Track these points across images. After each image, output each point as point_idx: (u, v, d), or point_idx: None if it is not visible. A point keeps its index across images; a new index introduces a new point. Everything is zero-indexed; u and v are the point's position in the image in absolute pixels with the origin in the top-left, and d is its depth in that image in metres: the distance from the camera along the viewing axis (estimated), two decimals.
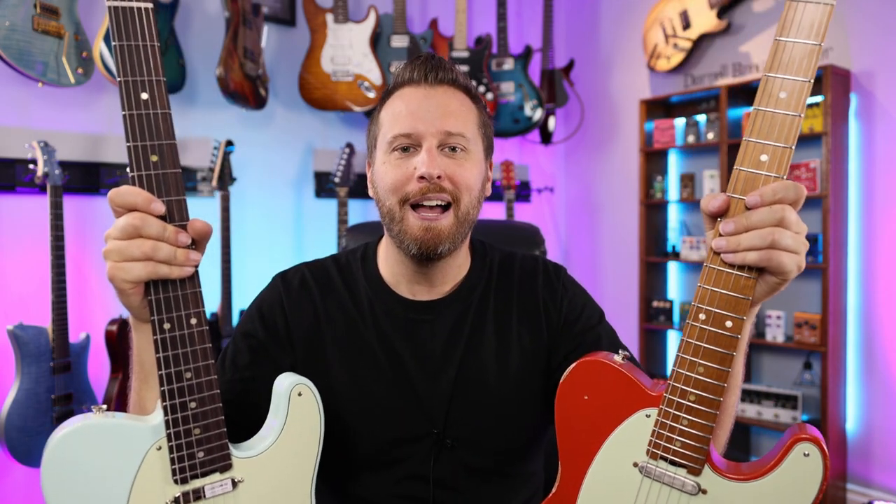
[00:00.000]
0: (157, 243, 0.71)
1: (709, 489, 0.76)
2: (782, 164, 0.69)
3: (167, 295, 0.73)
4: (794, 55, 0.68)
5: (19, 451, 2.03)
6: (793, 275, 0.71)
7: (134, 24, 0.70)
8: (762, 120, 0.70)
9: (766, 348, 3.14)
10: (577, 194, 4.08)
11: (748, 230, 0.70)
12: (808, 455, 0.72)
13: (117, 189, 0.71)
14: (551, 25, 3.63)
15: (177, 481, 0.75)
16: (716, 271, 0.73)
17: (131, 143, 0.70)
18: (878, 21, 2.79)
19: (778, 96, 0.69)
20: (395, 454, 1.00)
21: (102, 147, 2.45)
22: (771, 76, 0.69)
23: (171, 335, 0.73)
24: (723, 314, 0.72)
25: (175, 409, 0.74)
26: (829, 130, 2.73)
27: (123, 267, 0.71)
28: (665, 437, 0.77)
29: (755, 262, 0.70)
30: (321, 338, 1.02)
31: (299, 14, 3.00)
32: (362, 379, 0.99)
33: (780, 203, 0.70)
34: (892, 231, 2.76)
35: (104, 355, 2.29)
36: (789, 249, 0.70)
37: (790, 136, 0.69)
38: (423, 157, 0.93)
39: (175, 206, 0.72)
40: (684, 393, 0.75)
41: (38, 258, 2.24)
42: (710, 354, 0.73)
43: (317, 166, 3.06)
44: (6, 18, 1.93)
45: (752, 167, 0.71)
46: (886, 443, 2.78)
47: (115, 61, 0.70)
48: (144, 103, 0.70)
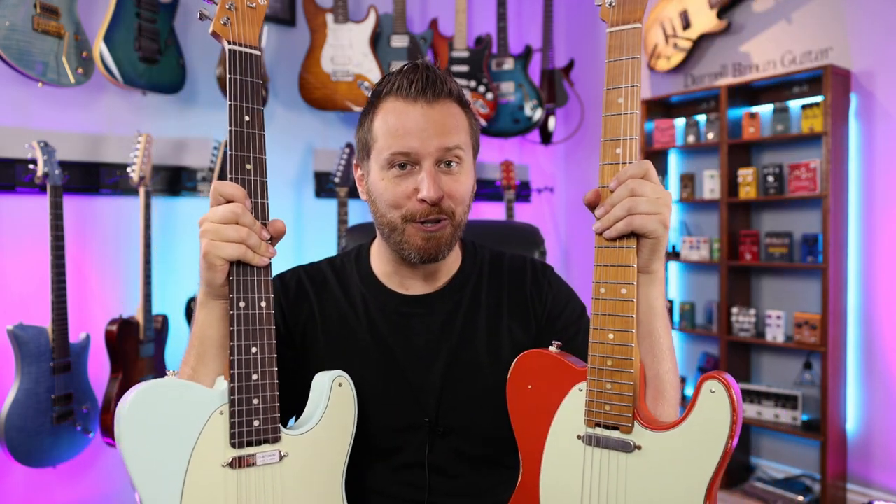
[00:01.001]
0: (250, 231, 0.83)
1: (642, 444, 0.84)
2: (632, 153, 0.84)
3: (247, 278, 0.85)
4: (621, 70, 0.84)
5: (19, 451, 2.03)
6: (659, 232, 0.82)
7: (246, 65, 0.88)
8: (610, 123, 0.85)
9: (766, 348, 3.14)
10: (577, 194, 4.07)
11: (613, 206, 0.82)
12: (714, 392, 0.79)
13: (222, 181, 0.84)
14: (551, 25, 3.63)
15: (233, 445, 0.84)
16: (602, 250, 0.86)
17: (233, 151, 0.85)
18: (878, 21, 2.79)
19: (617, 101, 0.84)
20: (392, 443, 1.04)
21: (102, 147, 2.45)
22: (610, 89, 0.85)
23: (244, 312, 0.85)
24: (616, 284, 0.85)
25: (241, 377, 0.84)
26: (829, 130, 2.73)
27: (219, 245, 0.81)
28: (596, 403, 0.86)
29: (623, 229, 0.82)
30: (317, 334, 1.07)
31: (299, 14, 3.00)
32: (357, 372, 1.03)
33: (630, 178, 0.82)
34: (892, 231, 2.76)
35: (104, 355, 2.29)
36: (647, 212, 0.81)
37: (633, 130, 0.83)
38: (425, 180, 0.96)
39: (260, 207, 0.87)
40: (602, 360, 0.85)
41: (38, 258, 2.24)
42: (615, 321, 0.85)
43: (317, 166, 3.06)
44: (6, 18, 1.93)
45: (611, 160, 0.85)
46: (886, 443, 2.78)
47: (229, 90, 0.86)
48: (247, 123, 0.86)
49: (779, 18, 3.10)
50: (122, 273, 2.51)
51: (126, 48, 2.24)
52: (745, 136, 3.05)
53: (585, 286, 1.17)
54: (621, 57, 0.84)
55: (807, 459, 2.98)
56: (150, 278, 2.36)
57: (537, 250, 1.47)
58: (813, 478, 2.90)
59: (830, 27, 2.92)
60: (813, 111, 2.84)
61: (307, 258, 1.16)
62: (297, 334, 1.07)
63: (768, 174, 2.99)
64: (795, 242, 2.98)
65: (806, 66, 2.97)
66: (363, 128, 1.04)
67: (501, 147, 3.70)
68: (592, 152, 3.94)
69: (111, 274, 2.50)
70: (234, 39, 0.86)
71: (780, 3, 3.09)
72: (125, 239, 2.50)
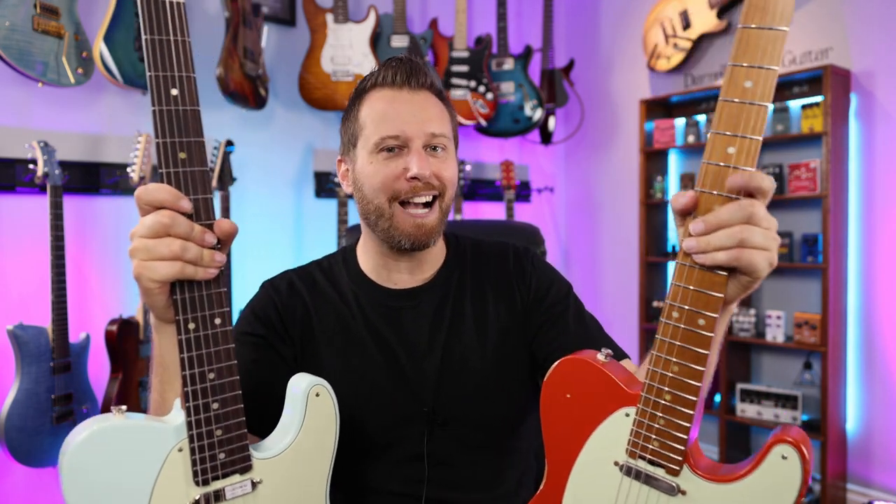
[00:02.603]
0: (186, 243, 0.70)
1: (688, 490, 0.75)
2: (750, 155, 0.66)
3: (192, 295, 0.72)
4: (760, 42, 0.65)
5: (19, 451, 2.03)
6: (764, 273, 0.70)
7: (166, 19, 0.69)
8: (728, 111, 0.67)
9: (766, 348, 3.14)
10: (577, 194, 4.08)
11: (718, 228, 0.68)
12: (787, 458, 0.70)
13: (145, 186, 0.70)
14: (551, 25, 3.63)
15: (198, 483, 0.75)
16: (687, 268, 0.71)
17: (160, 139, 0.69)
18: (878, 21, 2.79)
19: (744, 84, 0.66)
20: (391, 437, 1.04)
21: (102, 147, 2.45)
22: (737, 66, 0.66)
23: (195, 335, 0.73)
24: (695, 312, 0.71)
25: (198, 409, 0.73)
26: (829, 130, 2.73)
27: (151, 266, 0.70)
28: (643, 436, 0.77)
29: (725, 262, 0.68)
30: (312, 332, 1.07)
31: (299, 14, 3.00)
32: (354, 367, 1.04)
33: (747, 190, 0.68)
34: (892, 231, 2.76)
35: (104, 355, 2.29)
36: (759, 247, 0.68)
37: (758, 126, 0.66)
38: (415, 158, 0.99)
39: (202, 204, 0.72)
40: (660, 392, 0.74)
41: (38, 258, 2.24)
42: (684, 353, 0.72)
43: (317, 166, 3.06)
44: (6, 18, 1.93)
45: (720, 160, 0.68)
46: (886, 443, 2.78)
47: (146, 56, 0.68)
48: (174, 99, 0.70)
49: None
50: (122, 273, 2.51)
51: (126, 48, 2.24)
52: None
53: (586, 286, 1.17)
54: (763, 25, 0.64)
55: None
56: None
57: (537, 250, 1.46)
58: (813, 478, 2.90)
59: (830, 27, 2.92)
60: (813, 111, 2.84)
61: (307, 258, 1.17)
62: (294, 333, 1.06)
63: (768, 174, 2.98)
64: (795, 242, 2.98)
65: (806, 66, 2.97)
66: (349, 120, 1.06)
67: (501, 147, 3.70)
68: (592, 152, 3.95)
69: (111, 274, 2.50)
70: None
71: None
72: (125, 239, 2.48)
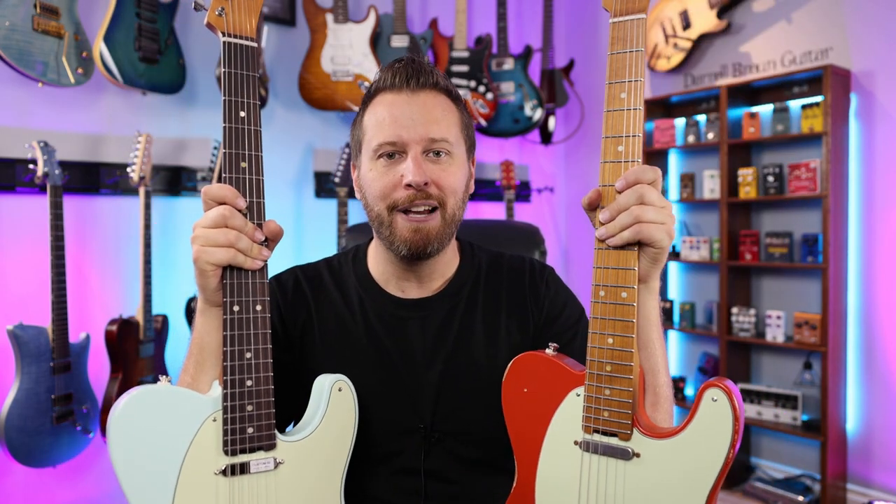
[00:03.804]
0: (240, 234, 0.81)
1: (641, 452, 0.82)
2: (636, 150, 0.80)
3: (240, 281, 0.83)
4: (624, 63, 0.81)
5: (19, 451, 2.03)
6: (664, 242, 0.80)
7: (243, 58, 0.84)
8: (612, 119, 0.81)
9: (766, 348, 3.14)
10: (577, 194, 4.07)
11: (619, 213, 0.80)
12: (717, 400, 0.77)
13: (210, 185, 0.83)
14: (551, 25, 3.63)
15: (227, 452, 0.82)
16: (602, 252, 0.84)
17: (227, 150, 0.82)
18: (878, 21, 2.79)
19: (619, 97, 0.81)
20: (388, 449, 1.03)
21: (102, 147, 2.45)
22: (612, 83, 0.82)
23: (238, 317, 0.83)
24: (617, 287, 0.82)
25: (234, 384, 0.82)
26: (829, 130, 2.73)
27: (209, 251, 0.80)
28: (594, 409, 0.84)
29: (630, 238, 0.80)
30: (313, 336, 1.06)
31: (299, 14, 3.00)
32: (353, 375, 1.02)
33: (639, 183, 0.79)
34: (892, 231, 2.76)
35: (104, 355, 2.29)
36: (654, 221, 0.79)
37: (637, 126, 0.80)
38: (410, 165, 0.96)
39: (255, 207, 0.84)
40: (601, 365, 0.83)
41: (38, 258, 2.24)
42: (615, 325, 0.82)
43: (317, 166, 3.06)
44: (6, 18, 1.93)
45: (613, 158, 0.81)
46: (886, 443, 2.78)
47: (224, 83, 0.83)
48: (242, 119, 0.83)
49: (779, 18, 3.10)
50: (122, 273, 2.51)
51: (126, 48, 2.24)
52: (745, 136, 3.05)
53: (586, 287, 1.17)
54: (624, 49, 0.80)
55: (807, 459, 2.98)
56: (150, 278, 2.36)
57: (537, 250, 1.47)
58: (813, 478, 2.90)
59: (830, 27, 2.92)
60: (813, 111, 2.84)
61: (307, 258, 1.16)
62: (294, 337, 1.05)
63: (768, 174, 2.99)
64: (795, 242, 2.98)
65: (806, 66, 2.97)
66: (356, 126, 1.06)
67: (501, 147, 3.70)
68: (592, 152, 3.94)
69: (111, 274, 2.50)
70: (229, 31, 0.83)
71: (780, 3, 3.09)
72: (125, 239, 2.50)
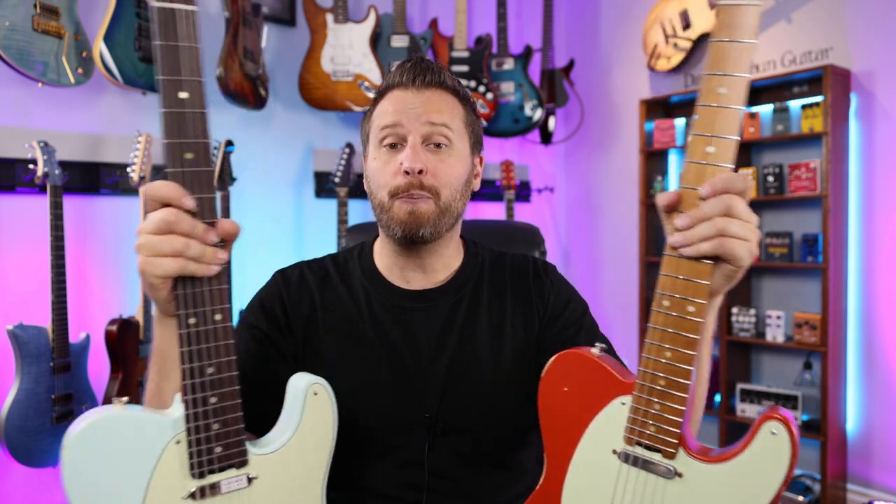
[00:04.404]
0: (188, 240, 0.72)
1: (684, 472, 0.78)
2: (729, 154, 0.73)
3: (194, 290, 0.74)
4: (729, 54, 0.72)
5: (19, 451, 2.03)
6: (745, 261, 0.74)
7: (178, 26, 0.72)
8: (705, 115, 0.74)
9: (766, 348, 3.14)
10: (577, 194, 4.08)
11: (700, 222, 0.74)
12: (776, 434, 0.73)
13: (151, 184, 0.73)
14: (551, 25, 3.63)
15: (194, 475, 0.76)
16: (673, 259, 0.76)
17: (167, 140, 0.72)
18: (878, 21, 2.79)
19: (717, 91, 0.73)
20: (391, 441, 1.02)
21: (102, 147, 2.45)
22: (711, 74, 0.73)
23: (195, 330, 0.75)
24: (685, 299, 0.75)
25: (196, 403, 0.75)
26: (829, 130, 2.73)
27: (154, 262, 0.72)
28: (640, 422, 0.79)
29: (708, 251, 0.73)
30: (318, 327, 1.06)
31: (299, 14, 3.00)
32: (358, 366, 1.02)
33: (727, 192, 0.73)
34: (892, 231, 2.76)
35: (104, 355, 2.29)
36: (738, 237, 0.73)
37: (734, 128, 0.73)
38: (407, 151, 0.98)
39: (206, 203, 0.74)
40: (655, 378, 0.78)
41: (38, 258, 2.24)
42: (676, 339, 0.76)
43: (317, 166, 3.06)
44: (6, 18, 1.93)
45: (701, 159, 0.74)
46: (886, 443, 2.78)
47: (157, 60, 0.71)
48: (182, 102, 0.72)
49: (779, 18, 3.10)
50: (122, 273, 2.51)
51: (126, 48, 2.24)
52: (745, 135, 3.05)
53: (586, 287, 1.17)
54: (732, 38, 0.71)
55: (807, 459, 2.98)
56: None
57: (537, 250, 1.47)
58: (813, 478, 2.89)
59: (830, 27, 2.92)
60: (813, 111, 2.84)
61: (307, 258, 1.16)
62: (297, 328, 1.05)
63: (768, 174, 2.99)
64: (795, 242, 2.98)
65: (806, 66, 2.97)
66: (365, 121, 1.08)
67: (501, 147, 3.70)
68: (592, 152, 3.94)
69: (111, 274, 2.50)
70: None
71: (780, 3, 3.09)
72: (125, 239, 2.50)
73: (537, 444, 1.13)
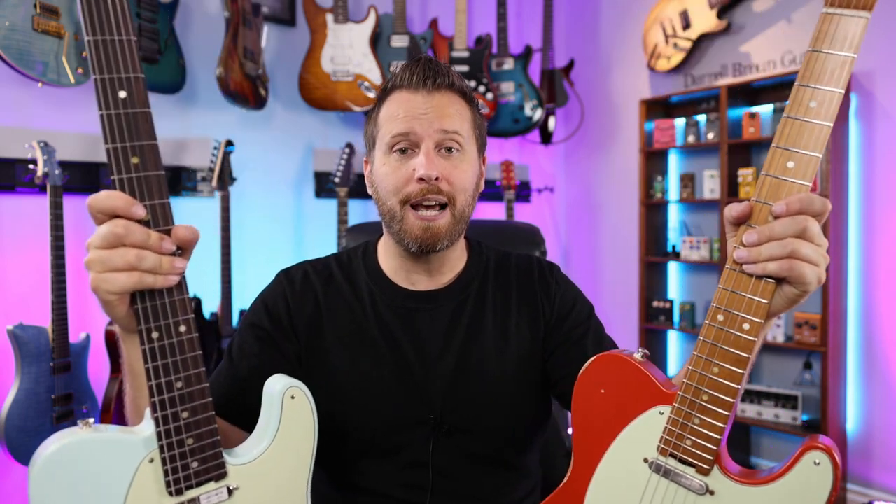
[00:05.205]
0: (142, 252, 0.68)
1: (716, 490, 0.76)
2: (808, 171, 0.70)
3: (154, 303, 0.70)
4: (826, 66, 0.69)
5: (19, 451, 2.03)
6: (812, 287, 0.71)
7: (108, 18, 0.66)
8: (791, 127, 0.71)
9: (766, 348, 3.14)
10: (577, 194, 4.08)
11: (770, 240, 0.71)
12: (819, 464, 0.72)
13: (95, 195, 0.68)
14: (551, 25, 3.63)
15: (171, 493, 0.73)
16: (736, 274, 0.74)
17: (110, 144, 0.67)
18: (878, 21, 2.79)
19: (808, 104, 0.70)
20: (395, 441, 1.02)
21: (102, 147, 2.45)
22: (803, 86, 0.70)
23: (159, 344, 0.71)
24: (740, 316, 0.73)
25: (167, 419, 0.72)
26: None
27: (107, 278, 0.68)
28: (677, 434, 0.78)
29: (775, 272, 0.71)
30: (322, 327, 1.05)
31: (299, 14, 3.00)
32: (362, 366, 1.01)
33: (803, 213, 0.70)
34: (892, 231, 2.76)
35: (104, 355, 2.29)
36: (809, 261, 0.70)
37: (819, 145, 0.70)
38: (422, 159, 0.96)
39: (159, 210, 0.69)
40: (698, 392, 0.76)
41: (38, 258, 2.24)
42: (726, 356, 0.74)
43: (317, 166, 3.06)
44: (6, 18, 1.93)
45: (779, 174, 0.71)
46: (886, 443, 2.78)
47: (90, 58, 0.65)
48: (122, 102, 0.67)
49: (779, 18, 3.10)
50: None
51: None
52: (745, 136, 3.05)
53: (586, 287, 1.17)
54: (831, 50, 0.68)
55: None
56: None
57: (537, 250, 1.47)
58: None
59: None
60: None
61: (307, 258, 1.16)
62: (301, 328, 1.05)
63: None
64: None
65: None
66: (370, 122, 1.06)
67: (501, 147, 3.70)
68: (592, 152, 3.95)
69: None
70: None
71: (780, 3, 3.09)
72: None
73: (541, 445, 1.13)
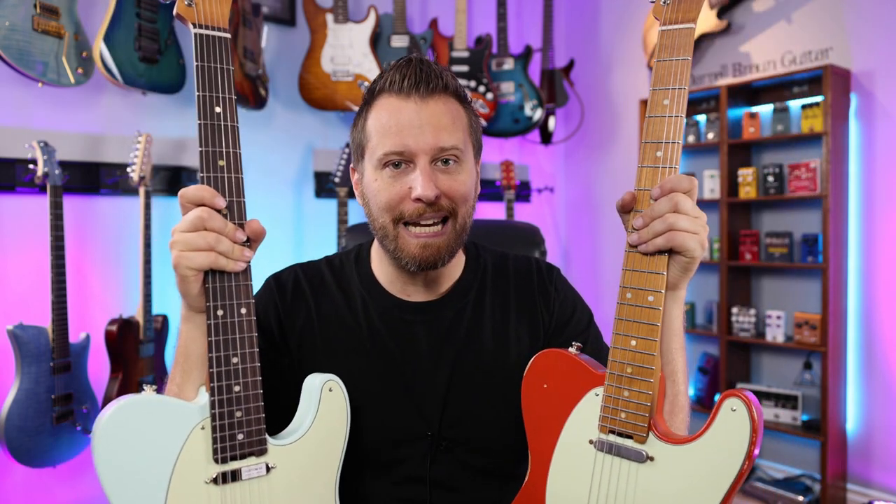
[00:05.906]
0: (219, 236, 0.78)
1: (655, 455, 0.82)
2: (674, 156, 0.82)
3: (223, 284, 0.81)
4: (670, 70, 0.82)
5: (19, 451, 2.03)
6: (696, 252, 0.81)
7: (215, 50, 0.82)
8: (653, 124, 0.82)
9: (766, 348, 3.14)
10: (577, 194, 4.07)
11: (652, 220, 0.81)
12: (735, 410, 0.77)
13: (187, 187, 0.79)
14: (551, 25, 3.63)
15: (217, 460, 0.80)
16: (632, 254, 0.84)
17: (204, 147, 0.80)
18: (878, 21, 2.79)
19: (662, 103, 0.82)
20: (393, 455, 1.00)
21: (102, 147, 2.45)
22: (656, 89, 0.83)
23: (223, 321, 0.80)
24: (644, 290, 0.83)
25: (221, 390, 0.80)
26: (829, 130, 2.73)
27: (188, 256, 0.77)
28: (611, 410, 0.84)
29: (662, 245, 0.80)
30: (314, 338, 1.02)
31: (299, 14, 3.00)
32: (356, 380, 0.98)
33: (675, 191, 0.80)
34: (892, 231, 2.76)
35: (104, 355, 2.29)
36: (687, 230, 0.79)
37: (677, 134, 0.81)
38: (419, 178, 0.91)
39: (235, 206, 0.81)
40: (622, 366, 0.83)
41: (38, 258, 2.24)
42: (640, 328, 0.83)
43: (317, 166, 3.06)
44: (6, 18, 1.93)
45: (651, 163, 0.83)
46: (886, 443, 2.78)
47: (197, 78, 0.80)
48: (217, 115, 0.81)
49: (779, 18, 3.10)
50: (122, 273, 2.51)
51: (126, 48, 2.23)
52: (745, 136, 3.05)
53: (586, 287, 1.17)
54: (671, 57, 0.82)
55: (807, 459, 2.98)
56: (150, 278, 2.36)
57: (537, 250, 1.47)
58: (813, 478, 2.89)
59: (830, 27, 2.92)
60: (813, 111, 2.84)
61: (307, 258, 1.14)
62: (292, 338, 1.02)
63: (768, 174, 2.99)
64: (795, 242, 2.98)
65: (806, 66, 2.97)
66: (357, 128, 1.01)
67: (501, 147, 3.70)
68: (592, 152, 3.94)
69: (111, 274, 2.50)
70: (200, 21, 0.81)
71: (780, 3, 3.09)
72: (125, 239, 2.50)
73: None
